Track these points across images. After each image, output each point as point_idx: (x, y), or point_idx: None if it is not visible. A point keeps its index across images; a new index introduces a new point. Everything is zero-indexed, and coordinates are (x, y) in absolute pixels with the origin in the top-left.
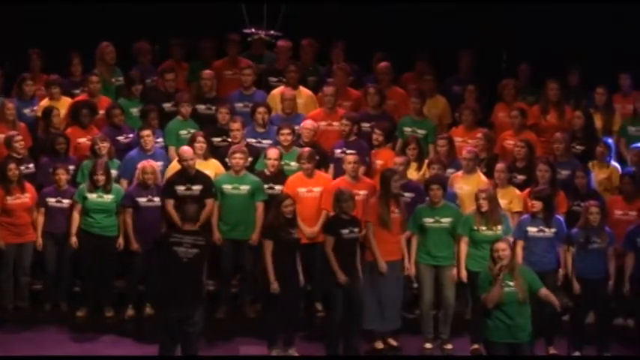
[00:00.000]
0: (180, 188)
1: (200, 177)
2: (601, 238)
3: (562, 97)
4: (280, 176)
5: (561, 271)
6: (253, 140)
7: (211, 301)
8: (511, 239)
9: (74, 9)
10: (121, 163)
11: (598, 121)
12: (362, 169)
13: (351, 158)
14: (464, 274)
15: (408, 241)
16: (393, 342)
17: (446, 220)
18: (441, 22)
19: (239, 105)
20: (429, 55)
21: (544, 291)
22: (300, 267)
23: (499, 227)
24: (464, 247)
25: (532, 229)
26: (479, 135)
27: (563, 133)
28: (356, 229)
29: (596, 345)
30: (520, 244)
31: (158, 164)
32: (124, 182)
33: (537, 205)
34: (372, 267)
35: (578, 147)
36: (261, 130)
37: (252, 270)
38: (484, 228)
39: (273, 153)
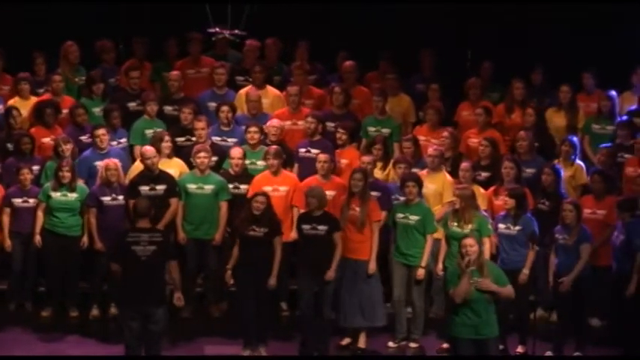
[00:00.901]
0: (145, 188)
1: (163, 177)
2: (570, 234)
3: (527, 95)
4: (246, 175)
5: (524, 270)
6: (218, 139)
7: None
8: (494, 239)
9: (38, 8)
10: (76, 163)
11: (562, 120)
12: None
13: (322, 157)
14: (440, 267)
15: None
16: (362, 343)
17: (414, 218)
18: (406, 21)
19: (212, 104)
20: (391, 54)
21: (507, 288)
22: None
23: (470, 226)
24: (430, 243)
25: (501, 226)
26: (445, 134)
27: (528, 131)
28: (321, 227)
29: (560, 343)
30: (489, 240)
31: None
32: (80, 182)
33: (510, 202)
34: (353, 265)
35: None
36: (226, 128)
37: (216, 269)
38: (454, 224)
39: (236, 152)
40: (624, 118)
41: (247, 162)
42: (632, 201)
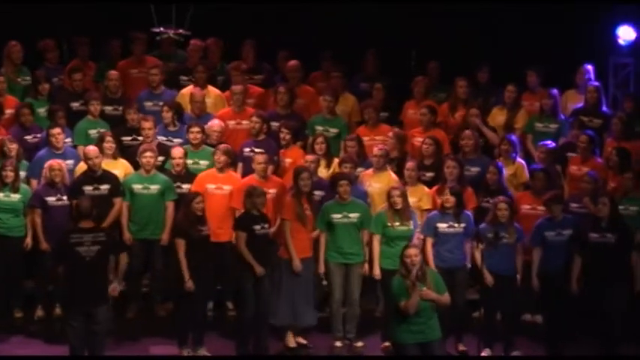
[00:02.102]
0: (88, 188)
1: (107, 176)
2: (510, 233)
3: (471, 94)
4: (188, 175)
5: (468, 265)
6: (164, 139)
7: (121, 300)
8: (421, 236)
9: None
10: (30, 164)
11: (503, 118)
12: (271, 168)
13: (260, 158)
14: (378, 272)
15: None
16: (302, 340)
17: (354, 215)
18: (350, 20)
19: (148, 104)
20: (334, 53)
21: (445, 297)
22: (211, 265)
23: (410, 222)
24: (377, 245)
25: (442, 225)
26: (390, 134)
27: (472, 130)
28: (266, 226)
29: (502, 341)
30: (430, 241)
31: (67, 163)
32: (34, 182)
33: (452, 200)
34: (287, 264)
35: None
36: (172, 128)
37: (162, 269)
38: (397, 224)
39: (177, 152)
40: (570, 117)
41: (190, 162)
42: (561, 196)
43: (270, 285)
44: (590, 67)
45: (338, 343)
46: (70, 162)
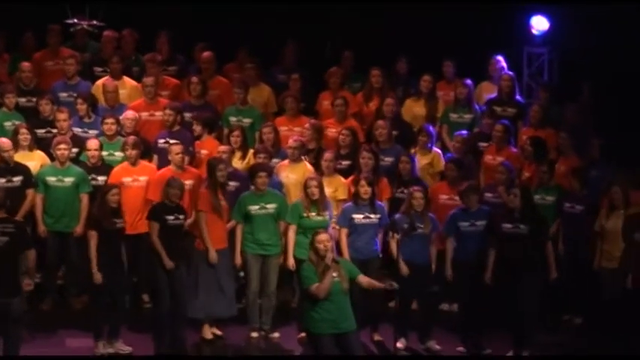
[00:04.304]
0: (1, 180)
1: (19, 168)
2: (425, 223)
3: (385, 84)
4: (103, 167)
5: (380, 255)
6: (79, 130)
7: (37, 292)
8: (336, 227)
9: None
10: None
11: (420, 108)
12: (186, 159)
13: (176, 148)
14: (292, 262)
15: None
16: (217, 331)
17: (271, 206)
18: (268, 11)
19: (63, 95)
20: (250, 45)
21: (362, 278)
22: (126, 258)
23: (326, 213)
24: (292, 235)
25: (358, 217)
26: (306, 125)
27: (385, 120)
28: (181, 216)
29: (418, 331)
30: (344, 232)
31: None
32: None
33: (368, 191)
34: (203, 256)
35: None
36: (87, 120)
37: (77, 262)
38: (314, 214)
39: (92, 144)
40: (484, 107)
41: (105, 153)
42: (477, 187)
43: (187, 277)
44: (500, 58)
45: (254, 334)
46: None
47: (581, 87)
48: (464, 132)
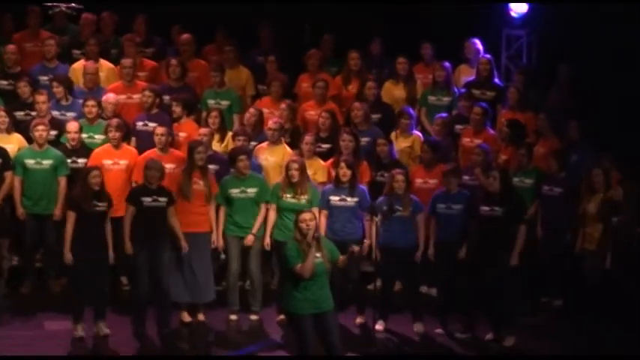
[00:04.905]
0: None
1: None
2: (404, 205)
3: (363, 67)
4: (84, 149)
5: (366, 241)
6: (57, 113)
7: (15, 276)
8: (315, 209)
9: None
10: None
11: (400, 91)
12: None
13: (160, 130)
14: (267, 241)
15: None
16: (201, 317)
17: (252, 190)
18: None
19: (43, 78)
20: (227, 27)
21: (342, 259)
22: (110, 240)
23: (305, 197)
24: (272, 214)
25: (334, 199)
26: (282, 106)
27: (362, 101)
28: (162, 199)
29: (406, 313)
30: (324, 213)
31: None
32: None
33: (348, 173)
34: (192, 239)
35: (373, 116)
36: (65, 102)
37: (55, 244)
38: (289, 196)
39: (72, 126)
40: (462, 89)
41: (85, 136)
42: (458, 170)
43: (169, 260)
44: (476, 40)
45: (233, 317)
46: None
47: (558, 69)
48: (444, 114)
